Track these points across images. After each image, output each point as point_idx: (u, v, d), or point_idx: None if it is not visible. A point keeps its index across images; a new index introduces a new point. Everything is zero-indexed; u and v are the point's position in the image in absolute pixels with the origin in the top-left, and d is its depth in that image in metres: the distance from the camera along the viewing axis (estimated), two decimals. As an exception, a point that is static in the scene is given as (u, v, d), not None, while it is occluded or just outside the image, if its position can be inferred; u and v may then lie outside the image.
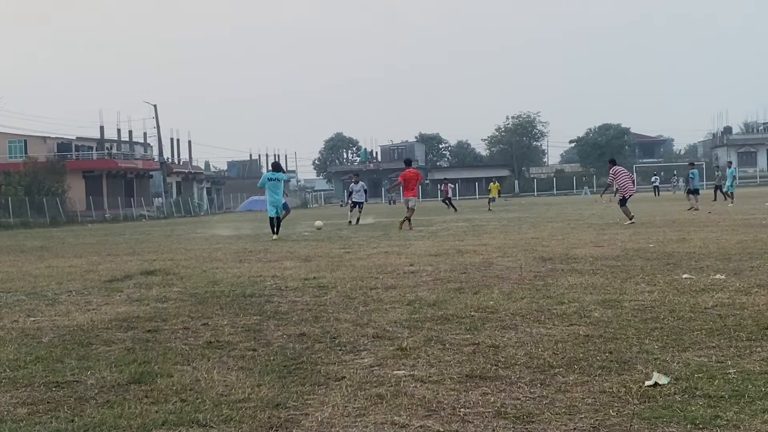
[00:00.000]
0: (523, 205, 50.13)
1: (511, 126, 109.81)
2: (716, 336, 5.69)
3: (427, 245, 15.79)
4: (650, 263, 10.74)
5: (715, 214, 25.03)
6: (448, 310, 7.32)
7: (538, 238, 16.47)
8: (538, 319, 6.70)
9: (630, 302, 7.38)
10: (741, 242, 13.49)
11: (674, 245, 13.43)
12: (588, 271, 10.00)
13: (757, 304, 6.99)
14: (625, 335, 5.85)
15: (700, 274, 9.26)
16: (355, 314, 7.36)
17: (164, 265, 13.33)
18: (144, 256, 16.11)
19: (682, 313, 6.65)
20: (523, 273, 10.13)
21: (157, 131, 76.73)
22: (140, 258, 15.66)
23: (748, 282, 8.42)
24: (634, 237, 15.71)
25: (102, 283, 11.03)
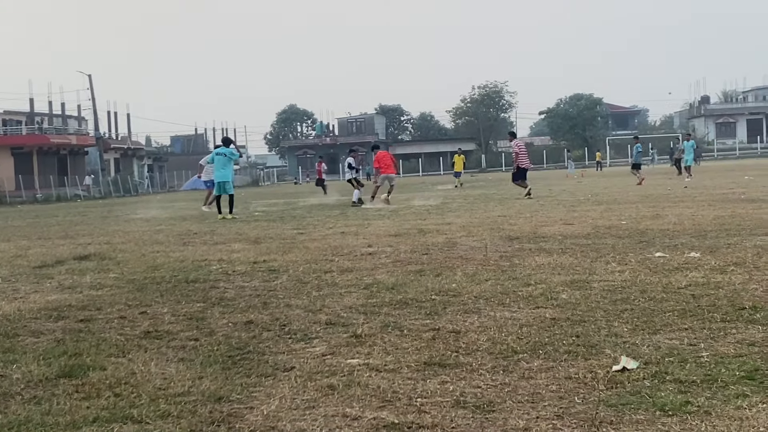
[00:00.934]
0: (490, 180, 50.42)
1: (477, 97, 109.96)
2: (689, 317, 5.77)
3: (387, 225, 15.80)
4: (622, 241, 10.85)
5: (691, 188, 25.37)
6: (408, 294, 7.33)
7: (505, 216, 16.56)
8: (502, 302, 6.74)
9: (599, 283, 7.45)
10: (718, 218, 13.67)
11: (648, 222, 13.58)
12: (556, 251, 10.07)
13: (733, 283, 7.10)
14: (593, 318, 5.91)
15: (673, 252, 9.37)
16: (308, 300, 7.35)
17: (100, 249, 13.19)
18: (78, 240, 15.93)
19: (654, 294, 6.73)
20: (488, 253, 10.17)
21: (93, 104, 75.67)
22: (74, 242, 15.48)
23: (724, 260, 8.54)
24: (605, 214, 15.86)
25: (31, 269, 10.89)
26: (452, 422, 3.85)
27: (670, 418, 3.74)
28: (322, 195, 35.31)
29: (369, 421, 3.92)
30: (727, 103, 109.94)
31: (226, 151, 21.27)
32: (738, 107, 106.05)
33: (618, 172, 49.44)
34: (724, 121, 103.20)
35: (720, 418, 3.69)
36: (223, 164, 21.00)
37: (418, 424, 3.83)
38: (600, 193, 25.34)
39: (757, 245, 9.68)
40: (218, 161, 21.02)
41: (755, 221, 12.77)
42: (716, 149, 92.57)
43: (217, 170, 21.04)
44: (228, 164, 21.12)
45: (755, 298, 6.35)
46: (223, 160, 21.04)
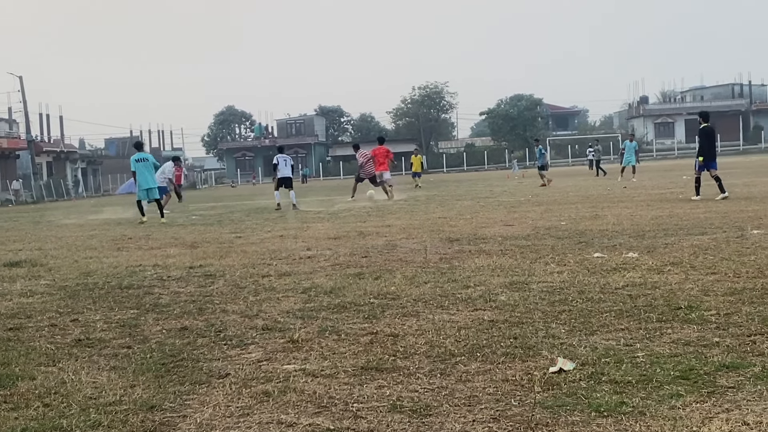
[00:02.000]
0: (432, 182, 50.60)
1: (417, 97, 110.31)
2: (626, 318, 5.87)
3: (327, 227, 15.78)
4: (561, 242, 10.99)
5: (631, 188, 25.78)
6: (346, 298, 7.34)
7: (446, 218, 16.65)
8: (441, 305, 6.78)
9: (538, 284, 7.53)
10: (656, 218, 13.92)
11: (587, 222, 13.77)
12: (496, 252, 10.16)
13: (670, 283, 7.23)
14: (531, 319, 5.97)
15: (612, 253, 9.52)
16: (244, 305, 7.31)
17: (31, 256, 12.95)
18: (8, 246, 15.62)
19: (592, 295, 6.83)
20: (427, 255, 10.22)
21: (24, 106, 74.22)
22: (3, 248, 15.18)
23: (662, 260, 8.70)
24: (545, 215, 16.04)
25: (-42, 277, 10.65)
26: (388, 427, 3.86)
27: (605, 419, 3.79)
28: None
29: (304, 427, 3.91)
30: (666, 104, 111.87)
31: (146, 156, 21.27)
32: (676, 107, 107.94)
33: (559, 172, 49.99)
34: (663, 121, 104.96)
35: (654, 419, 3.76)
36: (145, 169, 20.96)
37: (354, 430, 3.84)
38: (540, 193, 25.61)
39: (693, 245, 9.87)
40: (140, 167, 20.93)
41: (692, 221, 13.02)
42: (655, 149, 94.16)
43: (141, 176, 20.91)
44: (150, 169, 21.13)
45: (691, 297, 6.48)
46: (144, 165, 21.00)
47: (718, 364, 4.56)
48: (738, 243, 9.84)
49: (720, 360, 4.64)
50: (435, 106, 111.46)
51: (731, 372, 4.42)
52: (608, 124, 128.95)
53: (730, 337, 5.16)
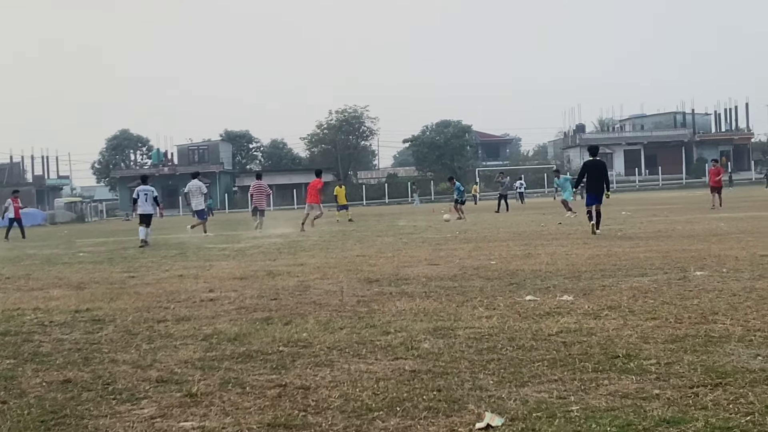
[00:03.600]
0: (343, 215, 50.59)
1: (335, 122, 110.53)
2: (559, 367, 5.94)
3: (232, 266, 15.66)
4: (491, 283, 11.10)
5: (566, 224, 26.21)
6: (252, 346, 7.28)
7: (365, 256, 16.68)
8: (358, 353, 6.77)
9: (465, 330, 7.58)
10: (593, 257, 14.17)
11: (519, 262, 13.94)
12: (420, 294, 10.21)
13: (607, 329, 7.36)
14: (457, 369, 6.00)
15: (545, 295, 9.65)
16: (137, 354, 7.20)
17: None
18: None
19: (523, 342, 6.90)
20: (344, 298, 10.22)
21: None
22: None
23: (598, 303, 8.85)
24: (474, 253, 16.19)
25: None
26: (297, 492, 3.83)
27: (536, 479, 3.82)
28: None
29: (203, 493, 3.85)
30: (604, 133, 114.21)
31: None
32: (615, 137, 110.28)
33: (489, 206, 50.50)
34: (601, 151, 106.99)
35: (589, 478, 3.80)
36: None
37: (259, 496, 3.79)
38: (469, 229, 25.86)
39: (632, 287, 10.07)
40: None
41: (632, 261, 13.28)
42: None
43: None
44: None
45: (629, 345, 6.59)
46: None
47: (658, 418, 4.65)
48: (680, 285, 10.07)
49: (660, 414, 4.73)
50: (354, 132, 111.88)
51: (672, 427, 4.51)
52: (542, 154, 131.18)
53: (670, 389, 5.26)
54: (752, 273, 10.99)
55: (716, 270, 11.47)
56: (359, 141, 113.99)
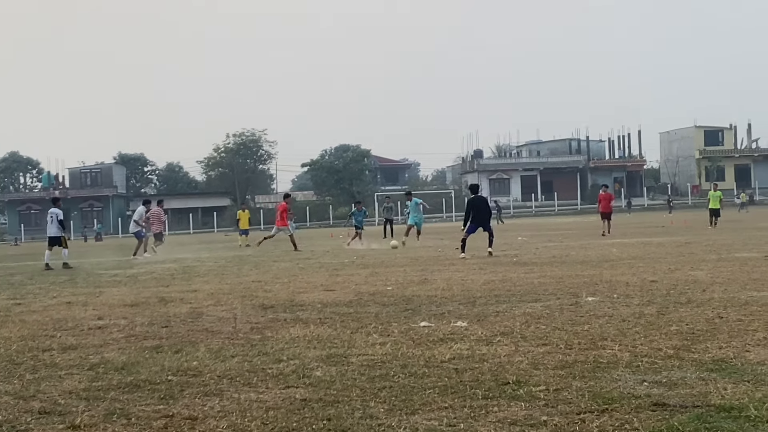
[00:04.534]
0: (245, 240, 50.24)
1: (232, 146, 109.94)
2: (450, 394, 5.99)
3: (123, 293, 15.39)
4: (386, 309, 11.14)
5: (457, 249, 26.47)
6: (140, 375, 7.17)
7: (260, 282, 16.58)
8: (249, 382, 6.73)
9: (358, 357, 7.59)
10: (488, 283, 14.33)
11: (415, 287, 14.02)
12: (314, 321, 10.19)
13: (499, 355, 7.45)
14: (348, 397, 6.01)
15: (440, 322, 9.72)
16: (19, 384, 7.02)
17: None
18: None
19: (416, 369, 6.94)
20: (237, 325, 10.14)
21: None
22: None
23: (492, 330, 8.95)
24: (370, 278, 16.23)
25: None
26: None
27: None
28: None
29: None
30: (501, 158, 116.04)
31: None
32: (512, 162, 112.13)
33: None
34: (498, 177, 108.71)
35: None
36: None
37: None
38: (366, 255, 25.91)
39: (526, 313, 10.23)
40: None
41: (526, 286, 13.49)
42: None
43: None
44: None
45: (520, 371, 6.69)
46: None
47: (546, 444, 4.71)
48: (572, 311, 10.27)
49: (547, 440, 4.79)
50: (252, 156, 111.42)
51: (559, 453, 4.57)
52: (441, 179, 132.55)
53: (558, 416, 5.36)
54: (642, 299, 11.26)
55: (607, 296, 11.72)
56: (257, 165, 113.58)
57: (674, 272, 15.05)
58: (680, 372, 6.51)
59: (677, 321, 9.12)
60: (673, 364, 6.84)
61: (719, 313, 9.62)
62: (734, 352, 7.23)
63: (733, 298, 10.98)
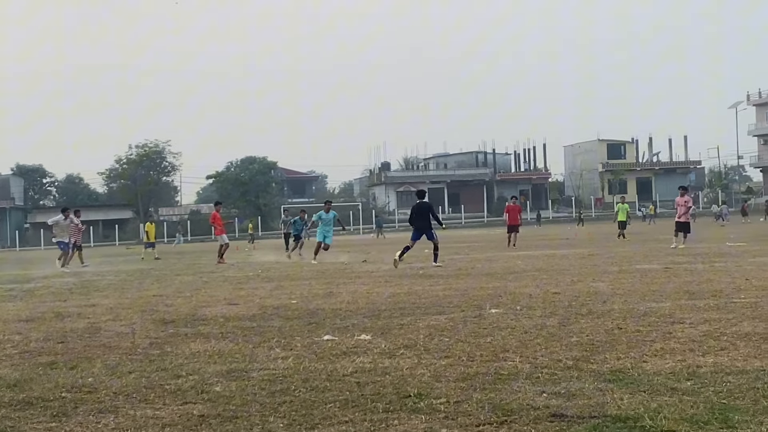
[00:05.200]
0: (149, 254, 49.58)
1: (135, 157, 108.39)
2: (351, 408, 5.99)
3: (18, 308, 15.03)
4: (290, 323, 11.09)
5: (370, 262, 26.54)
6: (33, 392, 7.00)
7: (162, 296, 16.36)
8: (146, 398, 6.63)
9: (259, 372, 7.54)
10: (393, 295, 14.38)
11: (320, 301, 14.00)
12: (216, 335, 10.10)
13: (401, 368, 7.47)
14: (247, 413, 5.96)
15: (343, 335, 9.72)
16: None
17: None
18: None
19: (317, 383, 6.92)
20: (136, 340, 9.99)
21: None
22: None
23: (395, 342, 8.98)
24: (275, 292, 16.15)
25: None
26: None
27: None
28: None
29: None
30: (409, 171, 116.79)
31: None
32: (419, 175, 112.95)
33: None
34: (406, 189, 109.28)
35: None
36: None
37: None
38: (271, 268, 25.79)
39: (429, 325, 10.28)
40: None
41: (431, 299, 13.57)
42: (398, 219, 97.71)
43: None
44: None
45: (422, 384, 6.72)
46: None
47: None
48: (475, 323, 10.36)
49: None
50: (155, 168, 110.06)
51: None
52: (349, 191, 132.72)
53: (457, 428, 5.40)
54: (544, 310, 11.42)
55: (511, 308, 11.86)
56: (161, 176, 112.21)
57: (576, 284, 15.32)
58: (579, 383, 6.62)
59: (578, 332, 9.28)
60: (572, 375, 6.96)
61: (618, 324, 9.81)
62: (632, 363, 7.39)
63: (632, 309, 11.21)
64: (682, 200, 29.03)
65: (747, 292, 12.75)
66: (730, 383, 6.41)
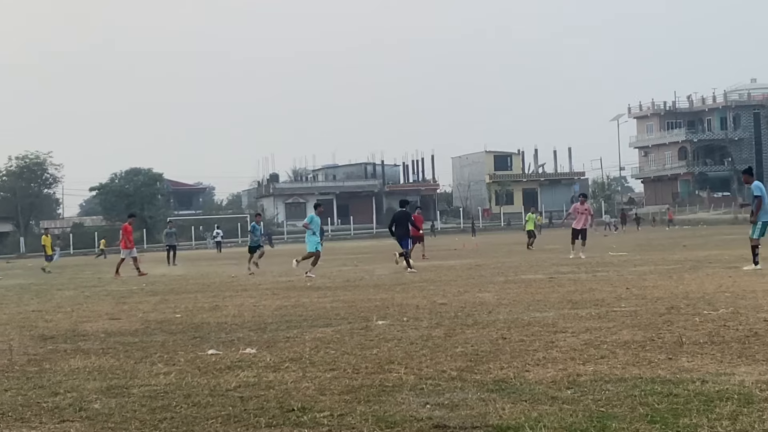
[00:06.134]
0: (30, 268, 48.33)
1: (15, 169, 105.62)
2: (234, 423, 5.94)
3: None
4: (174, 337, 10.96)
5: (258, 275, 26.38)
6: None
7: (41, 311, 15.97)
8: (22, 417, 6.48)
9: (141, 388, 7.43)
10: (280, 308, 14.33)
11: (205, 314, 13.86)
12: (96, 351, 9.91)
13: (286, 381, 7.44)
14: (126, 430, 5.88)
15: (228, 349, 9.64)
16: None
17: None
18: None
19: (199, 398, 6.85)
20: (13, 357, 9.73)
21: None
22: None
23: (280, 356, 8.94)
24: (159, 306, 15.93)
25: None
26: None
27: None
28: None
29: None
30: (297, 182, 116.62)
31: None
32: (308, 186, 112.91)
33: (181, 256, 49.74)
34: (295, 201, 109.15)
35: None
36: None
37: None
38: (157, 282, 25.43)
39: (316, 338, 10.28)
40: None
41: (318, 311, 13.57)
42: (287, 231, 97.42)
43: None
44: None
45: (306, 398, 6.70)
46: None
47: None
48: (362, 335, 10.38)
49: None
50: (36, 180, 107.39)
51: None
52: (236, 203, 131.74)
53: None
54: (430, 321, 11.52)
55: (398, 319, 11.92)
56: (42, 189, 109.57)
57: (463, 294, 15.49)
58: (462, 393, 6.69)
59: (463, 342, 9.38)
60: (455, 385, 7.02)
61: (503, 334, 9.95)
62: (514, 372, 7.50)
63: (516, 319, 11.39)
64: (582, 207, 29.35)
65: (627, 301, 13.07)
66: (608, 391, 6.56)
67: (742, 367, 7.42)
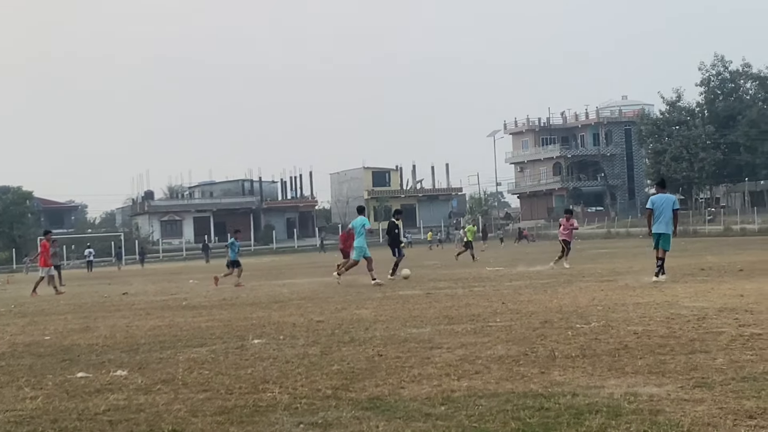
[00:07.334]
0: None
1: None
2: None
3: None
4: (42, 360, 10.68)
5: (131, 295, 25.91)
6: None
7: None
8: None
9: (5, 413, 7.23)
10: (154, 328, 14.08)
11: (76, 336, 13.53)
12: (-41, 377, 9.58)
13: (157, 404, 7.32)
14: (-12, 459, 5.68)
15: (99, 371, 9.43)
16: None
17: None
18: None
19: (67, 423, 6.70)
20: None
21: None
22: None
23: (153, 378, 8.80)
24: (28, 328, 15.49)
25: None
26: None
27: None
28: None
29: None
30: (173, 200, 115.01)
31: None
32: (184, 204, 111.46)
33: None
34: (170, 218, 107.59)
35: None
36: None
37: None
38: (26, 303, 24.73)
39: (190, 358, 10.14)
40: None
41: (193, 331, 13.38)
42: (162, 250, 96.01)
43: None
44: None
45: (177, 420, 6.61)
46: None
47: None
48: (237, 355, 10.29)
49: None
50: None
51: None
52: (110, 222, 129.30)
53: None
54: (307, 339, 11.49)
55: (274, 337, 11.85)
56: None
57: (341, 311, 15.49)
58: (337, 412, 6.69)
59: (339, 360, 9.39)
60: (330, 404, 7.02)
61: (379, 350, 9.99)
62: (389, 390, 7.53)
63: (393, 335, 11.44)
64: (567, 223, 30.01)
65: (503, 316, 13.26)
66: (482, 406, 6.65)
67: (612, 379, 7.62)
